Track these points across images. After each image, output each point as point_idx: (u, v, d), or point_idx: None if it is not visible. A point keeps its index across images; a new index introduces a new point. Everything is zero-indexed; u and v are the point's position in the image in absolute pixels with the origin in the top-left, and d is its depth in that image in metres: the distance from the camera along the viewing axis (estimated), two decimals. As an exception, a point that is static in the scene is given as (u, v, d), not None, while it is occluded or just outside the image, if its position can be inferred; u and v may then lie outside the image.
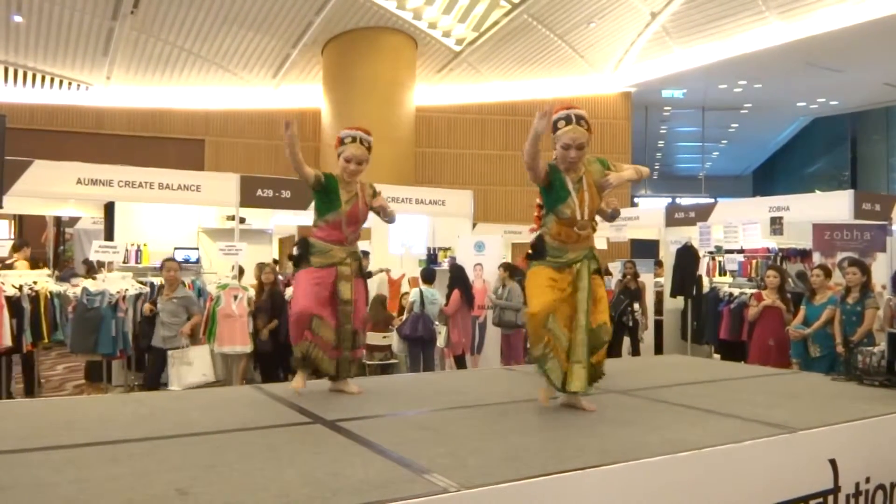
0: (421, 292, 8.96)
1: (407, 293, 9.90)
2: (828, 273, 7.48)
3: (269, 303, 8.53)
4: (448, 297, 9.18)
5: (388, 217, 4.31)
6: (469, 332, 9.33)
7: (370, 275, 9.15)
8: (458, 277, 9.22)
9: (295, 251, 4.20)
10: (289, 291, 8.62)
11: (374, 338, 9.19)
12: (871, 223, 9.34)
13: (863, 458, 3.39)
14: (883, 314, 6.83)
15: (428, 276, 9.22)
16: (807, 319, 7.22)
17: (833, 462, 3.25)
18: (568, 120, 3.67)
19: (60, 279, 9.68)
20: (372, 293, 9.66)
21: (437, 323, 9.17)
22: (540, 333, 3.64)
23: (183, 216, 10.34)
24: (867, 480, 3.38)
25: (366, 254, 9.84)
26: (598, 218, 3.95)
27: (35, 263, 9.51)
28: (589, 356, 3.68)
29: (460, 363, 9.17)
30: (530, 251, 3.83)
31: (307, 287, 4.03)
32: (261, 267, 9.04)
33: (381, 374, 8.89)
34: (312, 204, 4.26)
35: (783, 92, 22.14)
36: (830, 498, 3.22)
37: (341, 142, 4.15)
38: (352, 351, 4.16)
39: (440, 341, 9.11)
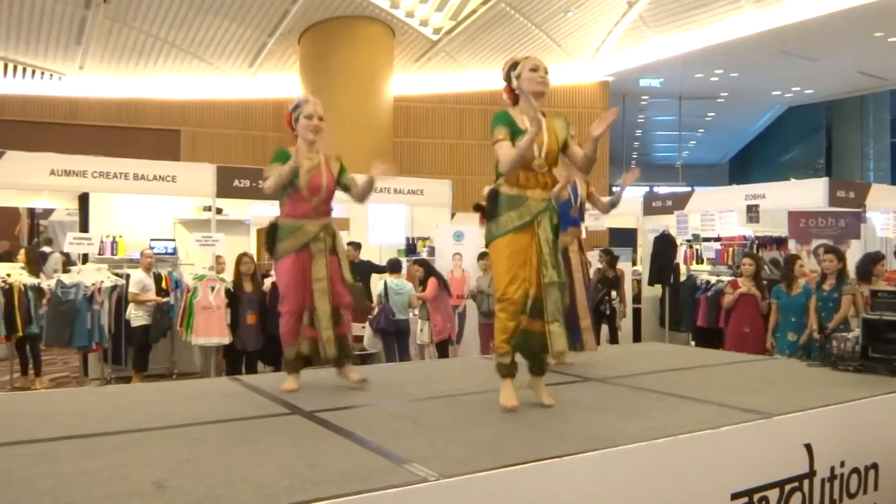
0: (385, 283, 8.87)
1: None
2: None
3: (258, 295, 8.38)
4: (424, 286, 9.07)
5: (362, 191, 4.13)
6: (452, 316, 9.20)
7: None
8: (429, 269, 9.10)
9: (266, 239, 4.09)
10: (267, 282, 8.53)
11: (353, 328, 9.11)
12: (846, 210, 9.44)
13: (838, 443, 3.44)
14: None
15: (394, 267, 9.09)
16: (783, 310, 7.26)
17: (808, 447, 3.29)
18: (519, 59, 3.74)
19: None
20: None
21: (414, 313, 9.08)
22: (515, 322, 3.47)
23: (159, 207, 10.24)
24: (842, 464, 3.43)
25: (357, 245, 9.78)
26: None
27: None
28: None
29: (442, 350, 9.05)
30: (483, 205, 3.61)
31: (290, 283, 3.89)
32: (240, 257, 8.91)
33: (360, 364, 8.82)
34: None
35: (759, 81, 22.28)
36: (806, 482, 3.26)
37: (296, 108, 4.03)
38: (335, 328, 3.90)
39: (424, 337, 8.91)
